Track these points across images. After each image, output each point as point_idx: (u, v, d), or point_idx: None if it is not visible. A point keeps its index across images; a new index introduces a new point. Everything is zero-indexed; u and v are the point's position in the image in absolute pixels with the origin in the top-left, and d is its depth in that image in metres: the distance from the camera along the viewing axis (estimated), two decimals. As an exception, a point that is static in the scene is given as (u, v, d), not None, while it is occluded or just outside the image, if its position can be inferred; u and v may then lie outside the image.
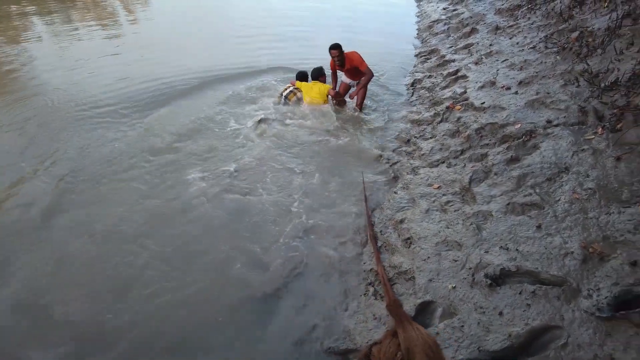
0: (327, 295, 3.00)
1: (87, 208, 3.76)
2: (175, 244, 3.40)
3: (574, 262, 2.45)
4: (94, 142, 4.78)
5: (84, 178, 4.16)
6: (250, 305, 2.92)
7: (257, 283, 3.07)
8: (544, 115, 3.94)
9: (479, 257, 2.74)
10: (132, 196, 3.92)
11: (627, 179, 2.89)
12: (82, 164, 4.39)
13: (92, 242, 3.41)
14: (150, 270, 3.14)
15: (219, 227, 3.60)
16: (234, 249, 3.37)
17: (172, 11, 12.28)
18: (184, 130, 5.06)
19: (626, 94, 3.53)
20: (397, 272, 2.96)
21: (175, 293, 2.96)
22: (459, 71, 5.71)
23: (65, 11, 11.34)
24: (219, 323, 2.78)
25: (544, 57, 4.95)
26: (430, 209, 3.45)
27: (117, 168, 4.32)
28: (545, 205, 2.95)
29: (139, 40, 8.89)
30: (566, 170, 3.19)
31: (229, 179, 4.19)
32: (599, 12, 4.96)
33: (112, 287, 3.02)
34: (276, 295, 2.99)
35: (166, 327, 2.76)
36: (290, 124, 5.23)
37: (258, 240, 3.46)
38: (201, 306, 2.89)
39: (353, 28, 9.20)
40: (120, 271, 3.14)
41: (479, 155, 3.83)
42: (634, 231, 2.50)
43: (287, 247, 3.39)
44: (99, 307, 2.87)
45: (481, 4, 7.94)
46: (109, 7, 12.08)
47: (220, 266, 3.21)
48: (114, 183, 4.10)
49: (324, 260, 3.29)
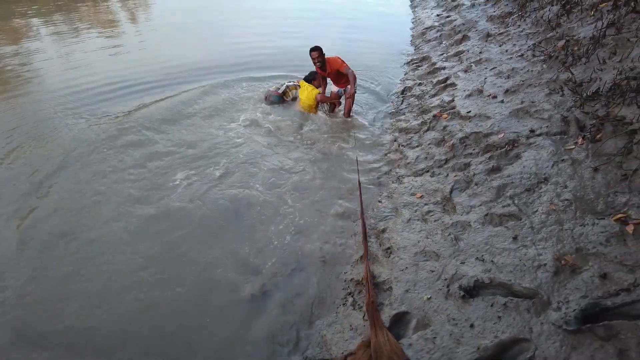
0: (306, 303, 3.03)
1: (73, 212, 3.82)
2: (163, 246, 3.49)
3: (546, 275, 2.46)
4: (81, 143, 4.87)
5: (72, 179, 4.27)
6: (230, 313, 2.95)
7: (237, 290, 3.11)
8: (528, 124, 3.97)
9: (455, 268, 2.76)
10: (120, 198, 4.01)
11: (603, 190, 2.91)
12: (69, 165, 4.53)
13: (77, 246, 3.47)
14: (136, 272, 3.18)
15: (205, 229, 3.69)
16: (217, 253, 3.44)
17: (174, 14, 12.37)
18: (175, 132, 5.25)
19: (606, 104, 3.55)
20: (376, 282, 2.98)
21: (163, 295, 3.04)
22: (448, 79, 5.74)
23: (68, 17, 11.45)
24: (201, 332, 2.82)
25: (531, 65, 4.97)
26: (411, 218, 3.48)
27: (104, 168, 4.44)
28: (522, 216, 2.98)
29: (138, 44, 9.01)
30: (545, 181, 3.22)
31: (216, 180, 4.31)
32: (585, 20, 4.99)
33: (99, 291, 3.09)
34: (255, 303, 3.02)
35: (151, 329, 2.82)
36: (278, 127, 5.33)
37: (240, 245, 3.52)
38: (181, 312, 2.94)
39: (349, 35, 9.27)
40: (107, 273, 3.19)
41: (462, 165, 3.86)
42: (605, 243, 2.52)
43: (269, 253, 3.43)
44: (85, 312, 2.94)
45: (474, 11, 7.97)
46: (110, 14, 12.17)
47: (204, 271, 3.27)
48: (101, 184, 4.22)
49: (306, 268, 3.32)
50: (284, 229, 3.67)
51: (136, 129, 5.20)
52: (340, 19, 10.80)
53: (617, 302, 2.16)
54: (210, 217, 3.81)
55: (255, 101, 5.98)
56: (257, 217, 3.81)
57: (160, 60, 7.68)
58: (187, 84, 6.61)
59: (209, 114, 5.67)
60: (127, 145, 4.88)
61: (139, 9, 12.93)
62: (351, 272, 3.23)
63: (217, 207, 3.93)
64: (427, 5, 10.35)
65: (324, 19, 10.78)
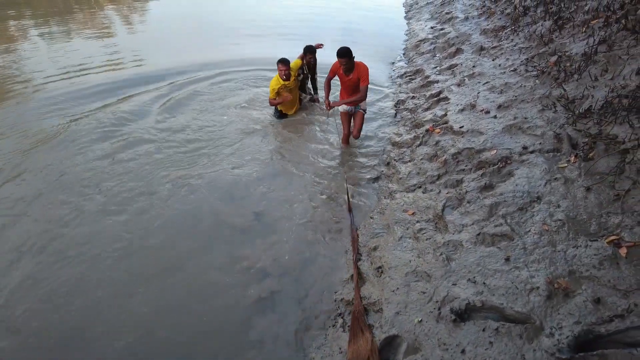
0: (297, 324, 2.95)
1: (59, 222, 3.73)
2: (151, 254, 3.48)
3: (539, 299, 2.42)
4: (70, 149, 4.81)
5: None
6: (221, 333, 2.87)
7: (229, 310, 3.03)
8: (521, 141, 3.95)
9: (447, 290, 2.70)
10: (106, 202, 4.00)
11: (596, 210, 2.88)
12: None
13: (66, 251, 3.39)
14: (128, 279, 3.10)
15: (186, 234, 3.68)
16: (206, 265, 3.40)
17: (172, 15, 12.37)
18: (166, 132, 5.40)
19: (599, 122, 3.54)
20: (367, 302, 2.92)
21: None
22: (441, 93, 5.73)
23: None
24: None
25: (524, 80, 4.97)
26: (403, 236, 3.42)
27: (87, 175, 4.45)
28: (515, 236, 2.93)
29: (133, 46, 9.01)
30: (538, 200, 3.18)
31: (205, 183, 4.38)
32: (577, 36, 5.01)
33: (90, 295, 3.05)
34: (246, 323, 2.94)
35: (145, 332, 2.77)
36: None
37: (232, 257, 3.46)
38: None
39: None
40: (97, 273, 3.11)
41: (454, 182, 3.82)
42: (599, 266, 2.48)
43: (260, 271, 3.35)
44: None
45: (467, 24, 8.01)
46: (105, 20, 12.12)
47: (186, 286, 3.20)
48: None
49: (298, 286, 3.25)
50: (277, 245, 3.61)
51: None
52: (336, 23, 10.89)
53: (611, 330, 2.11)
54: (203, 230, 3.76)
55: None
56: (238, 230, 3.75)
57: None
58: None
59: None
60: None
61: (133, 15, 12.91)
62: (342, 292, 3.17)
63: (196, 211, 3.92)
64: (421, 17, 10.40)
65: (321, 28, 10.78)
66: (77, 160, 4.72)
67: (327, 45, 6.15)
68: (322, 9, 13.28)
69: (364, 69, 4.49)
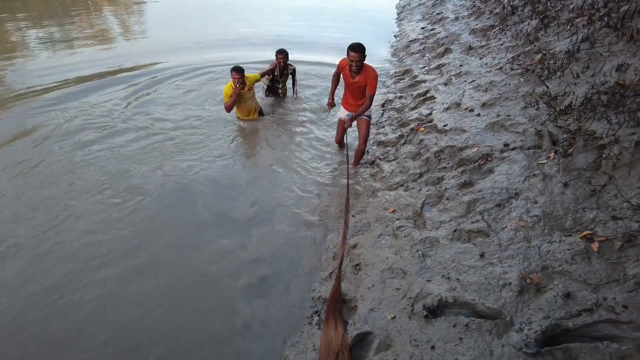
0: (272, 320, 2.93)
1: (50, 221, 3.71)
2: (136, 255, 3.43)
3: (511, 294, 2.40)
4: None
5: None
6: (198, 332, 2.84)
7: (207, 307, 3.00)
8: (503, 138, 3.94)
9: (421, 287, 2.68)
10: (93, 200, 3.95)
11: (572, 205, 2.87)
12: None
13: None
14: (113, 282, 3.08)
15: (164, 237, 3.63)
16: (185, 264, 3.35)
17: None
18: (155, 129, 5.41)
19: (578, 118, 3.53)
20: (343, 299, 2.89)
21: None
22: (428, 92, 5.73)
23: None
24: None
25: (509, 78, 4.97)
26: (382, 234, 3.41)
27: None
28: (491, 232, 2.92)
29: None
30: (516, 196, 3.17)
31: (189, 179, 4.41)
32: (561, 34, 5.01)
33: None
34: (220, 320, 2.92)
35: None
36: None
37: (209, 258, 3.43)
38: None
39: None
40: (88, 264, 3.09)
41: (435, 179, 3.81)
42: (571, 261, 2.47)
43: (237, 268, 3.33)
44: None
45: (457, 24, 8.02)
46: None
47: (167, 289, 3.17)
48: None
49: (275, 281, 3.23)
50: (255, 244, 3.59)
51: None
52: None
53: (578, 324, 2.10)
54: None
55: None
56: (218, 236, 3.72)
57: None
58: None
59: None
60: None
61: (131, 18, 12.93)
62: (319, 289, 3.15)
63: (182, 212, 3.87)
64: (413, 18, 10.42)
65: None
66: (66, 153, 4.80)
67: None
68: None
69: (373, 75, 4.01)
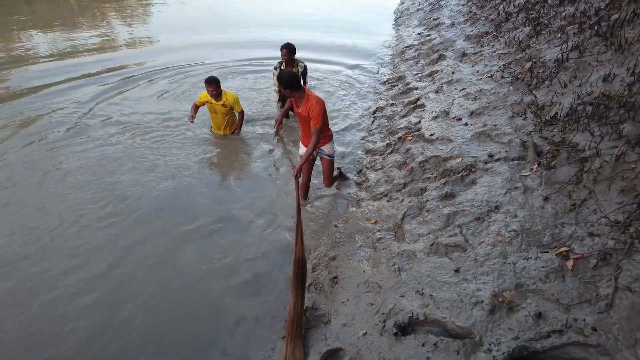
0: (245, 335, 2.89)
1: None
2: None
3: (482, 313, 2.35)
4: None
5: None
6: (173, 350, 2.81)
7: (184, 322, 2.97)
8: (488, 148, 3.88)
9: (394, 302, 2.63)
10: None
11: (551, 220, 2.81)
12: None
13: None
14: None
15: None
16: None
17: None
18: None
19: (563, 129, 3.48)
20: (316, 314, 2.84)
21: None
22: (419, 100, 5.68)
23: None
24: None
25: (498, 87, 4.92)
26: (362, 245, 3.36)
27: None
28: (467, 247, 2.87)
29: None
30: (496, 210, 3.12)
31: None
32: (552, 42, 4.95)
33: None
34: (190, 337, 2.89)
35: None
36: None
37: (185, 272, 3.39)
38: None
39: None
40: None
41: (419, 190, 3.76)
42: (545, 279, 2.41)
43: (215, 283, 3.29)
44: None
45: (453, 30, 7.96)
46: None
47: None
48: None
49: (251, 300, 3.18)
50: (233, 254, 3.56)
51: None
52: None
53: (547, 346, 2.04)
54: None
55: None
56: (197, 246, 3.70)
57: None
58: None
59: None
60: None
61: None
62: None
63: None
64: (410, 23, 10.37)
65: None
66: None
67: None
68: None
69: (314, 105, 3.32)
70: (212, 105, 5.09)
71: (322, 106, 3.41)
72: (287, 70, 3.14)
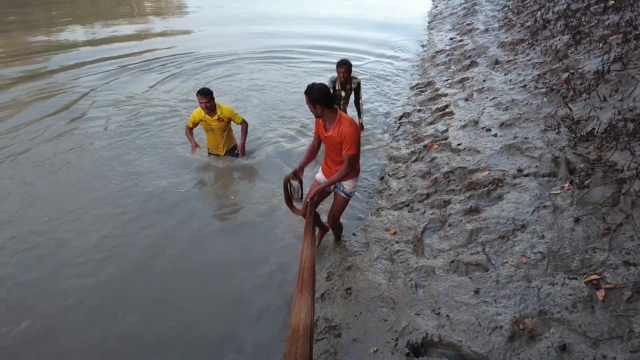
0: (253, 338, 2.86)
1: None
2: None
3: (500, 339, 2.22)
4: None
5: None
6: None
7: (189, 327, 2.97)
8: (517, 162, 3.71)
9: (408, 320, 2.53)
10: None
11: (582, 244, 2.64)
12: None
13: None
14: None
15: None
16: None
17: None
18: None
19: (599, 146, 3.27)
20: (327, 326, 2.77)
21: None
22: (447, 107, 5.51)
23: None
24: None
25: (532, 97, 4.70)
26: (379, 257, 3.27)
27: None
28: (490, 267, 2.73)
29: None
30: (522, 229, 2.96)
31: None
32: (592, 53, 4.69)
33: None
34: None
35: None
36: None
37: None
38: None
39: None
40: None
41: (442, 202, 3.63)
42: (572, 308, 2.26)
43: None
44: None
45: (487, 36, 7.72)
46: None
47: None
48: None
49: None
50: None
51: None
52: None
53: (570, 383, 1.90)
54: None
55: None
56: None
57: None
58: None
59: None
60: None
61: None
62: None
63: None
64: (443, 27, 10.12)
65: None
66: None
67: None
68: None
69: (348, 127, 2.77)
70: (206, 123, 4.54)
71: (359, 131, 2.88)
72: (319, 83, 2.77)
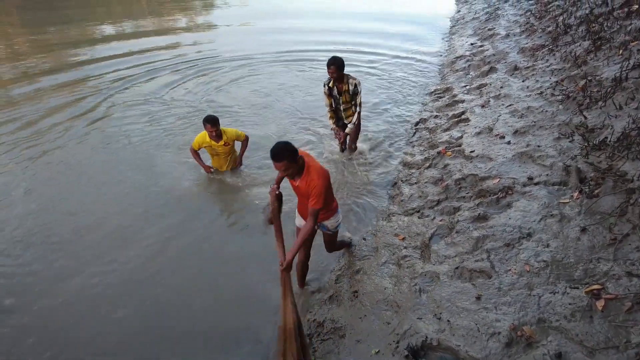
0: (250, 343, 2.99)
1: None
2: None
3: (497, 345, 2.28)
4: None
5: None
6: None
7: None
8: (528, 170, 3.72)
9: (410, 323, 2.62)
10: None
11: (586, 254, 2.65)
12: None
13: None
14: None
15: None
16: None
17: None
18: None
19: (611, 155, 3.25)
20: (333, 327, 2.88)
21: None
22: (464, 113, 5.52)
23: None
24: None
25: (548, 104, 4.67)
26: (387, 261, 3.35)
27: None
28: (493, 274, 2.77)
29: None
30: (528, 237, 2.99)
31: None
32: (612, 59, 4.62)
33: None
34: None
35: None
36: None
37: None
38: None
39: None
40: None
41: (451, 209, 3.68)
42: (570, 317, 2.29)
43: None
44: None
45: (507, 41, 7.64)
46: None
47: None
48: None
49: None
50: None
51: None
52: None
53: (562, 390, 1.94)
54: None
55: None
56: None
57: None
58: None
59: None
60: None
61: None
62: (315, 312, 3.15)
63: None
64: (464, 32, 10.05)
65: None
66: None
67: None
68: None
69: (316, 180, 2.55)
70: (211, 148, 4.52)
71: (327, 180, 2.64)
72: (281, 142, 2.54)
